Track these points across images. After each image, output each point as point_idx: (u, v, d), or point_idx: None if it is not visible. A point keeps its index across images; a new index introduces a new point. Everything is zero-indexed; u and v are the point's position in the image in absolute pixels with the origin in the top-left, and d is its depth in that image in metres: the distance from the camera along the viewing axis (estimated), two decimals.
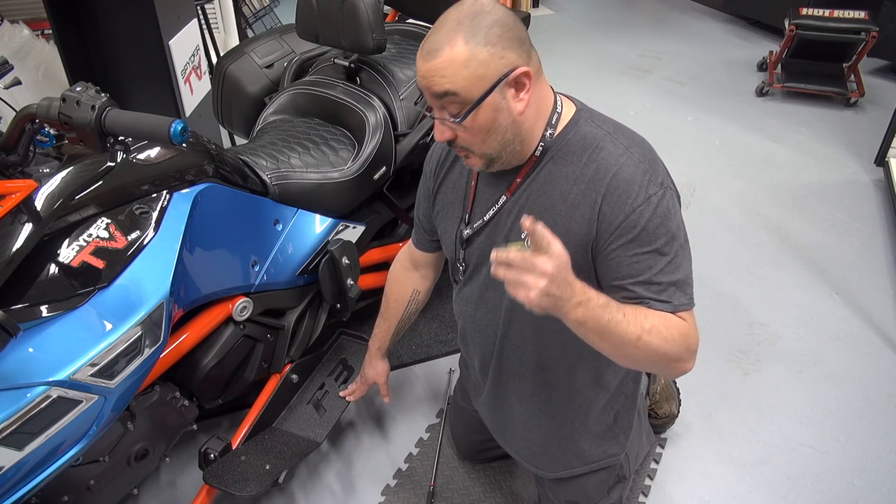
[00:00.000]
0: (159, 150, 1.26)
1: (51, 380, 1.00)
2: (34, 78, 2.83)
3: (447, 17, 0.99)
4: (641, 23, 5.19)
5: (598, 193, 1.03)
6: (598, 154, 1.05)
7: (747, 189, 3.03)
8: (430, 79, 0.98)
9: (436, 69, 0.97)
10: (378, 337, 1.59)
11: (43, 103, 1.03)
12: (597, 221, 1.04)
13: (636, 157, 1.05)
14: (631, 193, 1.01)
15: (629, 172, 1.02)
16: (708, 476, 1.77)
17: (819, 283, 2.46)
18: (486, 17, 0.96)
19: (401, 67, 1.93)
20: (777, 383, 2.04)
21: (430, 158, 1.34)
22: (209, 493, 1.50)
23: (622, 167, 1.03)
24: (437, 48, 0.96)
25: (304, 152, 1.66)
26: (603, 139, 1.06)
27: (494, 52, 0.96)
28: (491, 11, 0.97)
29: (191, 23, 2.47)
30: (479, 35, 0.95)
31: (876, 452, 1.83)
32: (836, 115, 3.70)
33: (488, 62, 0.96)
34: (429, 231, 1.42)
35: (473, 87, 0.97)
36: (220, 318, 1.44)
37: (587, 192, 1.04)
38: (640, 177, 1.02)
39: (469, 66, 0.95)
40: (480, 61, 0.95)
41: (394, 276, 1.57)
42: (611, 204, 1.02)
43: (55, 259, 1.06)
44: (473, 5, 0.98)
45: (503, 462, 1.77)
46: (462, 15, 0.97)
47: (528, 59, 1.00)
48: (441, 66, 0.96)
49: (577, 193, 1.05)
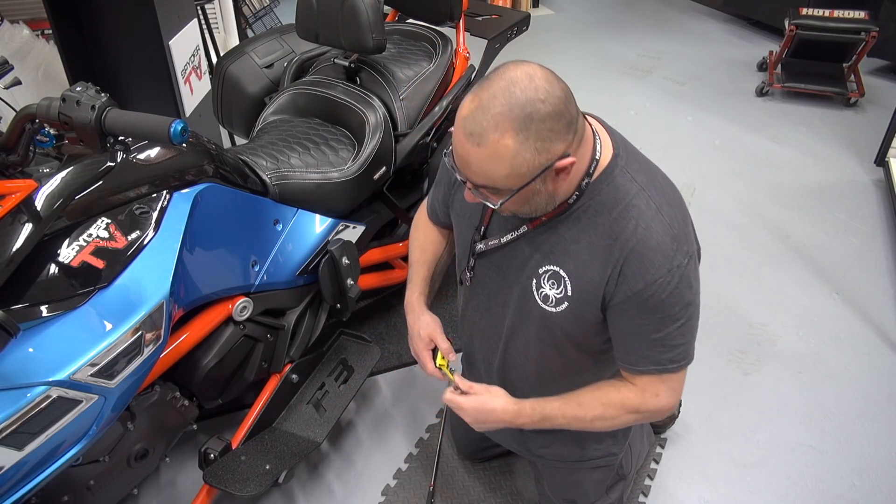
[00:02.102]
0: (159, 150, 1.25)
1: (51, 380, 1.00)
2: (34, 78, 2.83)
3: (495, 93, 0.89)
4: (641, 23, 5.18)
5: (622, 254, 1.02)
6: (628, 212, 1.02)
7: (747, 189, 3.02)
8: (469, 165, 0.93)
9: (477, 159, 0.91)
10: (417, 284, 1.42)
11: (43, 103, 1.03)
12: (616, 281, 1.04)
13: (666, 221, 1.02)
14: (654, 262, 1.00)
15: (657, 240, 1.01)
16: (708, 476, 1.76)
17: (819, 283, 2.46)
18: (541, 109, 0.88)
19: (401, 67, 1.93)
20: (777, 383, 2.04)
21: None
22: (209, 493, 1.50)
23: (651, 232, 1.01)
24: (482, 133, 0.89)
25: (304, 152, 1.66)
26: (636, 196, 1.03)
27: (541, 148, 0.90)
28: (546, 100, 0.89)
29: (191, 23, 2.47)
30: (531, 130, 0.88)
31: (876, 452, 1.83)
32: (836, 115, 3.70)
33: (533, 160, 0.90)
34: (443, 214, 1.39)
35: (511, 182, 0.93)
36: (220, 318, 1.44)
37: (612, 250, 1.03)
38: (667, 245, 1.01)
39: (513, 163, 0.90)
40: (525, 159, 0.90)
41: (424, 222, 1.47)
42: (633, 268, 1.02)
43: (55, 259, 1.06)
44: (527, 90, 0.88)
45: (503, 461, 1.77)
46: (515, 102, 0.88)
47: (573, 139, 0.94)
48: (483, 157, 0.90)
49: (602, 248, 1.04)
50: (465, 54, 2.12)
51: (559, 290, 1.10)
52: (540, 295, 1.13)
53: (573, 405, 1.14)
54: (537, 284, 1.13)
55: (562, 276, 1.09)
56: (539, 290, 1.13)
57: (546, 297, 1.12)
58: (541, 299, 1.13)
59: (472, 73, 2.11)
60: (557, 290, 1.10)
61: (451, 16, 2.04)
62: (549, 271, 1.11)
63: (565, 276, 1.09)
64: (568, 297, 1.10)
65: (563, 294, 1.10)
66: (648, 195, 1.03)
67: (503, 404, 1.16)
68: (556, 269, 1.10)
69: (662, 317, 1.04)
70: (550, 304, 1.12)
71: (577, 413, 1.14)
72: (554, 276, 1.10)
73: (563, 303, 1.11)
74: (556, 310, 1.12)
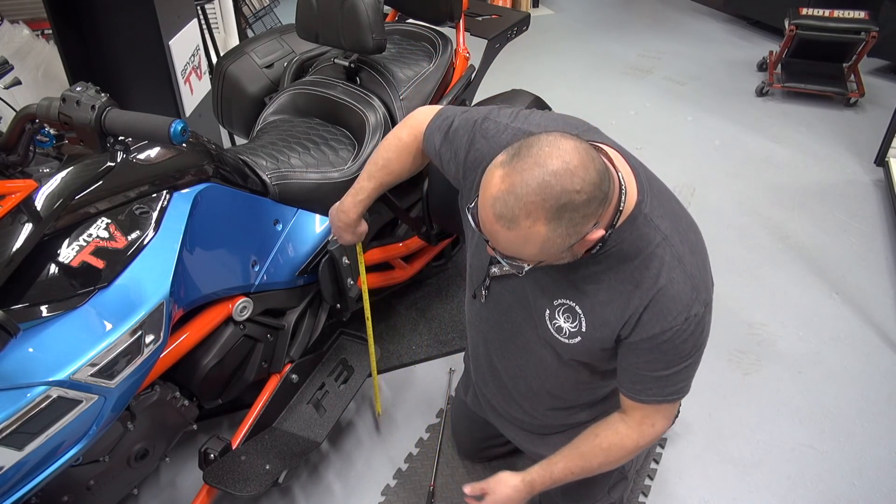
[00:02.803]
0: (159, 150, 1.25)
1: (51, 380, 1.00)
2: (34, 78, 2.83)
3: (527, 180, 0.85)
4: (641, 23, 5.18)
5: (642, 301, 1.03)
6: (651, 262, 1.03)
7: (747, 189, 3.02)
8: (496, 241, 0.92)
9: (506, 240, 0.90)
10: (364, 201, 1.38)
11: (43, 103, 1.03)
12: (634, 324, 1.05)
13: (688, 270, 1.03)
14: (673, 311, 1.02)
15: (677, 290, 1.02)
16: (708, 476, 1.76)
17: (819, 283, 2.46)
18: (575, 200, 0.86)
19: (401, 67, 1.93)
20: (777, 383, 2.04)
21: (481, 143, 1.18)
22: (209, 493, 1.50)
23: (671, 283, 1.02)
24: (513, 219, 0.87)
25: (304, 152, 1.66)
26: (659, 245, 1.03)
27: (573, 232, 0.89)
28: (581, 190, 0.86)
29: (191, 23, 2.47)
30: (563, 219, 0.87)
31: (876, 452, 1.83)
32: (836, 115, 3.70)
33: (563, 242, 0.90)
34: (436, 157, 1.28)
35: (540, 257, 0.94)
36: (220, 318, 1.44)
37: (632, 296, 1.04)
38: (687, 295, 1.02)
39: (543, 246, 0.90)
40: (555, 243, 0.90)
41: (404, 146, 1.33)
42: (651, 315, 1.03)
43: (55, 259, 1.06)
44: (562, 179, 0.85)
45: (504, 461, 1.77)
46: (549, 193, 0.85)
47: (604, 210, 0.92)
48: (512, 239, 0.89)
49: (622, 292, 1.05)
50: (465, 54, 2.12)
51: (574, 324, 1.12)
52: (553, 326, 1.15)
53: (576, 459, 1.19)
54: (551, 315, 1.14)
55: (577, 312, 1.11)
56: (553, 321, 1.15)
57: (560, 329, 1.14)
58: (554, 329, 1.15)
59: (472, 73, 2.11)
60: (572, 324, 1.12)
61: (451, 16, 2.04)
62: (565, 305, 1.12)
63: (581, 313, 1.10)
64: (582, 332, 1.11)
65: (578, 329, 1.12)
66: (671, 244, 1.03)
67: (515, 485, 1.20)
68: (571, 305, 1.11)
69: (673, 357, 1.07)
70: (564, 335, 1.14)
71: (583, 465, 1.19)
72: (569, 310, 1.11)
73: (576, 337, 1.12)
74: (569, 342, 1.14)
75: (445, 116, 1.26)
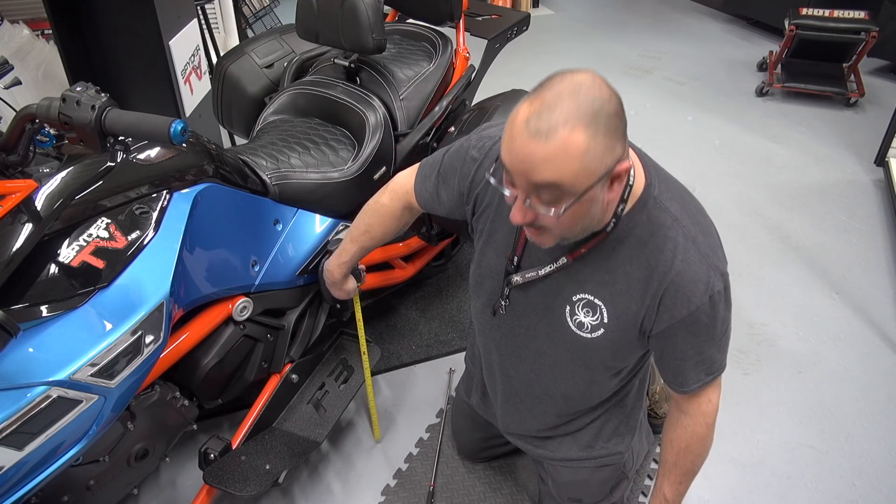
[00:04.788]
0: (159, 150, 1.25)
1: (51, 380, 1.00)
2: (34, 78, 2.83)
3: (560, 93, 0.86)
4: (641, 23, 5.18)
5: (661, 286, 1.04)
6: (664, 244, 1.03)
7: (747, 189, 3.02)
8: (534, 164, 0.87)
9: (545, 155, 0.85)
10: (348, 264, 1.48)
11: (43, 103, 1.03)
12: (656, 311, 1.06)
13: (702, 250, 1.04)
14: (696, 292, 1.03)
15: (695, 271, 1.03)
16: (708, 476, 1.76)
17: (819, 283, 2.46)
18: (607, 107, 0.87)
19: (401, 67, 1.93)
20: (777, 383, 2.04)
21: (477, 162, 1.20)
22: (209, 493, 1.50)
23: (688, 265, 1.02)
24: (551, 130, 0.84)
25: (304, 152, 1.66)
26: (671, 227, 1.03)
27: (609, 145, 0.87)
28: (610, 100, 0.87)
29: (191, 23, 2.47)
30: (600, 125, 0.86)
31: (876, 452, 1.83)
32: (836, 115, 3.70)
33: (602, 156, 0.87)
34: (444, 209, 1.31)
35: (579, 181, 0.88)
36: (220, 318, 1.44)
37: (650, 282, 1.04)
38: (705, 274, 1.03)
39: (584, 158, 0.86)
40: (595, 155, 0.86)
41: (386, 211, 1.38)
42: (673, 299, 1.04)
43: (55, 259, 1.06)
44: (592, 89, 0.86)
45: (504, 461, 1.77)
46: (583, 100, 0.85)
47: (626, 145, 0.93)
48: (552, 152, 0.85)
49: (640, 279, 1.05)
50: (465, 54, 2.12)
51: (595, 317, 1.12)
52: (574, 322, 1.14)
53: (673, 471, 1.25)
54: (571, 312, 1.14)
55: (597, 305, 1.11)
56: (573, 317, 1.14)
57: (581, 325, 1.14)
58: (575, 326, 1.15)
59: (472, 73, 2.11)
60: (593, 317, 1.12)
61: (451, 16, 2.04)
62: (584, 300, 1.12)
63: (601, 305, 1.10)
64: (604, 324, 1.11)
65: (600, 321, 1.12)
66: (683, 226, 1.04)
67: None
68: (591, 299, 1.11)
69: (706, 338, 1.08)
70: (586, 330, 1.14)
71: (680, 473, 1.24)
72: (589, 304, 1.11)
73: (598, 329, 1.12)
74: (592, 336, 1.14)
75: (429, 164, 1.30)
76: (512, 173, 0.91)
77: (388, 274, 2.09)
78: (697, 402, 1.17)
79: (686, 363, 1.11)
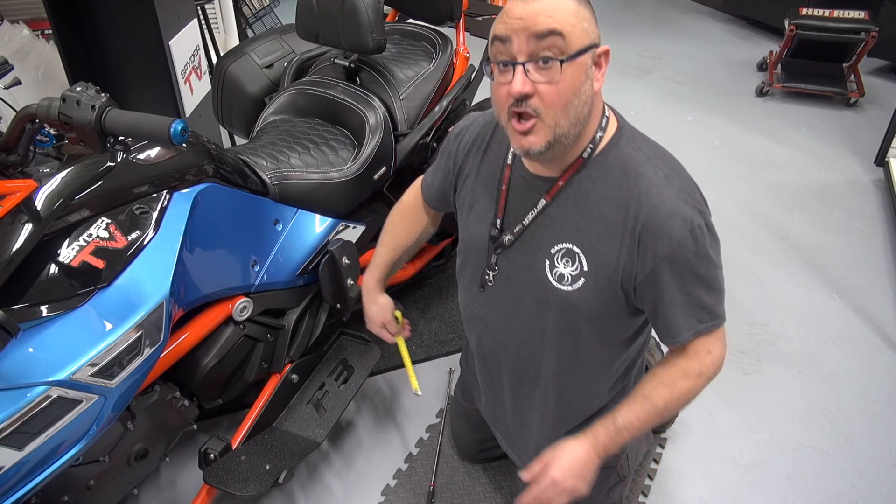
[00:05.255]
0: (159, 150, 1.25)
1: (51, 380, 1.00)
2: (34, 78, 2.83)
3: None
4: (641, 23, 5.18)
5: (636, 222, 1.03)
6: (638, 181, 1.03)
7: (747, 189, 3.03)
8: (534, 17, 0.95)
9: (542, 8, 0.95)
10: (379, 267, 1.47)
11: (43, 103, 1.03)
12: (637, 252, 1.04)
13: (676, 186, 1.04)
14: (674, 227, 1.01)
15: (672, 205, 1.02)
16: (708, 476, 1.76)
17: (819, 283, 2.46)
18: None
19: (401, 67, 1.93)
20: (777, 383, 2.04)
21: (459, 136, 1.28)
22: (209, 493, 1.50)
23: (664, 199, 1.02)
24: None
25: (304, 152, 1.66)
26: (643, 164, 1.05)
27: (591, 19, 0.99)
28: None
29: (191, 23, 2.47)
30: (584, 2, 0.98)
31: (876, 452, 1.83)
32: (836, 115, 3.70)
33: (590, 22, 0.98)
34: (437, 198, 1.38)
35: (577, 37, 0.96)
36: (220, 318, 1.44)
37: (626, 220, 1.04)
38: (683, 208, 1.02)
39: (576, 17, 0.96)
40: (585, 17, 0.97)
41: (407, 207, 1.48)
42: (653, 236, 1.02)
43: (55, 259, 1.06)
44: None
45: (503, 462, 1.77)
46: None
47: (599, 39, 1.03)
48: (548, 6, 0.95)
49: (616, 219, 1.04)
50: (465, 54, 2.12)
51: (574, 266, 1.09)
52: (555, 275, 1.12)
53: (639, 401, 1.12)
54: (551, 265, 1.12)
55: (575, 252, 1.09)
56: (553, 269, 1.12)
57: (561, 276, 1.11)
58: (556, 279, 1.12)
59: (472, 73, 2.11)
60: (572, 267, 1.10)
61: (451, 16, 2.04)
62: (563, 249, 1.10)
63: (579, 252, 1.09)
64: (584, 272, 1.09)
65: (579, 270, 1.09)
66: (655, 164, 1.05)
67: (578, 444, 1.12)
68: (569, 246, 1.09)
69: (691, 277, 1.05)
70: (566, 282, 1.11)
71: (648, 407, 1.11)
72: (568, 253, 1.10)
73: (579, 279, 1.10)
74: (573, 288, 1.10)
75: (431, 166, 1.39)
76: (512, 37, 0.97)
77: None
78: (696, 350, 1.11)
79: (675, 308, 1.07)
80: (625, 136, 1.08)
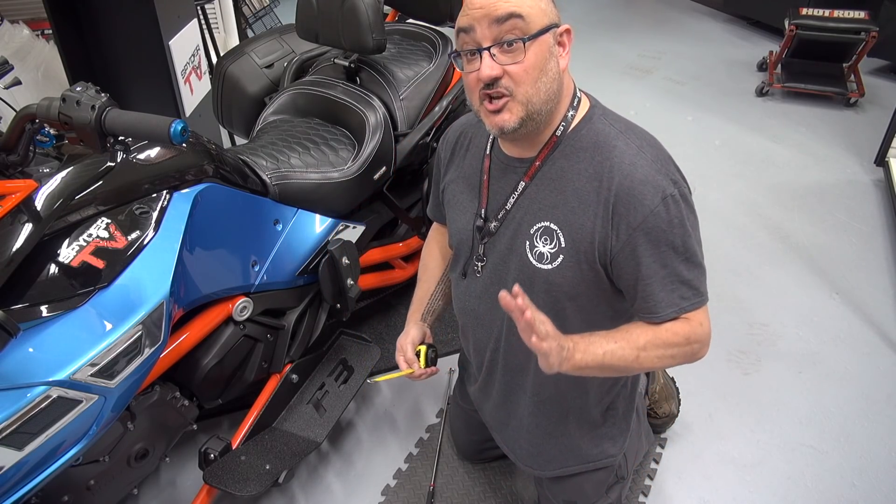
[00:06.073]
0: (159, 150, 1.26)
1: (51, 380, 1.00)
2: (34, 78, 2.83)
3: None
4: (641, 23, 5.18)
5: (610, 192, 1.04)
6: (611, 153, 1.06)
7: (747, 189, 3.02)
8: (494, 4, 0.99)
9: None
10: (414, 302, 1.48)
11: (43, 103, 1.03)
12: (612, 222, 1.05)
13: (649, 156, 1.06)
14: (646, 194, 1.02)
15: (644, 173, 1.03)
16: (708, 476, 1.76)
17: (819, 283, 2.46)
18: None
19: (401, 67, 1.93)
20: (777, 383, 2.04)
21: (445, 140, 1.35)
22: (209, 493, 1.50)
23: (636, 168, 1.04)
24: None
25: (304, 152, 1.66)
26: (616, 137, 1.08)
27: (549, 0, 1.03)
28: None
29: (191, 23, 2.47)
30: None
31: (876, 452, 1.83)
32: (836, 115, 3.70)
33: (547, 4, 1.03)
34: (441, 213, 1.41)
35: (537, 17, 1.00)
36: (220, 318, 1.44)
37: (599, 191, 1.05)
38: (655, 177, 1.03)
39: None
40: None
41: (429, 240, 1.54)
42: (626, 205, 1.03)
43: (55, 259, 1.06)
44: None
45: (503, 462, 1.77)
46: None
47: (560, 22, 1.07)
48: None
49: (590, 191, 1.06)
50: None
51: (552, 244, 1.11)
52: (535, 255, 1.13)
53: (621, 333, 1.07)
54: (531, 245, 1.13)
55: (553, 230, 1.10)
56: (533, 249, 1.13)
57: (541, 256, 1.12)
58: (536, 259, 1.13)
59: None
60: (551, 245, 1.11)
61: (451, 16, 2.04)
62: (541, 228, 1.12)
63: (557, 229, 1.10)
64: (562, 248, 1.10)
65: (557, 247, 1.10)
66: (627, 137, 1.08)
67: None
68: (546, 224, 1.11)
69: (667, 248, 1.04)
70: (546, 261, 1.12)
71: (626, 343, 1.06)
72: (546, 231, 1.11)
73: (558, 257, 1.11)
74: (553, 266, 1.11)
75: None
76: (475, 25, 1.01)
77: (388, 274, 2.09)
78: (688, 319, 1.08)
79: (653, 282, 1.05)
80: (597, 113, 1.12)
